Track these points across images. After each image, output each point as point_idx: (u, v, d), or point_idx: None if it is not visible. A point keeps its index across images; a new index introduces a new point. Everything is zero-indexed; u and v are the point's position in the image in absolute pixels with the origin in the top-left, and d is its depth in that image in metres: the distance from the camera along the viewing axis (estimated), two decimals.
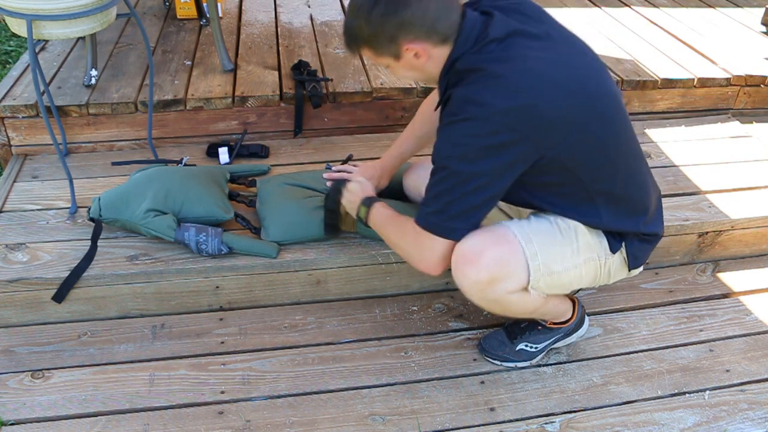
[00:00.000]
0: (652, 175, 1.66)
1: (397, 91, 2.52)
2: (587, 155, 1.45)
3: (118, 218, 1.94)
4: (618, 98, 1.51)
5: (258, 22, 3.09)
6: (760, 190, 2.32)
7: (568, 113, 1.39)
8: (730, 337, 1.95)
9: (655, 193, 1.66)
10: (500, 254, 1.51)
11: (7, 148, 2.39)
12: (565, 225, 1.55)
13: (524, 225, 1.56)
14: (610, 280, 1.66)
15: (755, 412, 1.72)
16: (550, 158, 1.41)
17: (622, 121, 1.51)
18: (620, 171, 1.52)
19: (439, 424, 1.66)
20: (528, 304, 1.60)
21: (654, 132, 2.64)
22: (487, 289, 1.53)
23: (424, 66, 1.47)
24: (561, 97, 1.38)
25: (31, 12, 1.77)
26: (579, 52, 1.49)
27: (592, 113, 1.43)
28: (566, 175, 1.47)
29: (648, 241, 1.65)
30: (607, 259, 1.60)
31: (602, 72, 1.50)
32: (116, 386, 1.73)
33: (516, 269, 1.51)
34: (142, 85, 2.47)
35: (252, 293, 1.98)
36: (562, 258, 1.54)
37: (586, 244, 1.56)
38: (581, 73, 1.44)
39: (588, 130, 1.43)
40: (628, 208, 1.57)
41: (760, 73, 2.76)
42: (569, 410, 1.71)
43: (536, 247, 1.51)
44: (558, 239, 1.54)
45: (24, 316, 1.91)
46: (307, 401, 1.71)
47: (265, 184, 2.11)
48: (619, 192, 1.53)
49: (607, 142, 1.47)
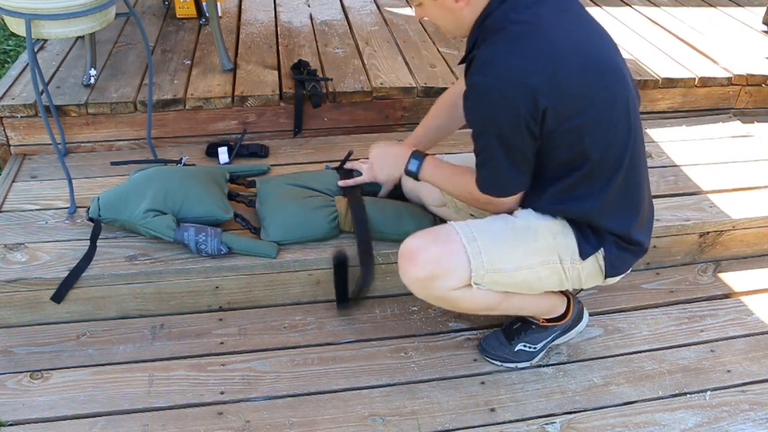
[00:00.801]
0: (649, 188, 1.66)
1: (397, 91, 2.51)
2: (599, 131, 1.45)
3: (117, 218, 1.94)
4: (631, 90, 1.51)
5: (257, 21, 3.09)
6: (762, 189, 2.32)
7: (585, 85, 1.40)
8: (731, 337, 1.95)
9: (649, 206, 1.66)
10: (439, 252, 1.54)
11: (5, 147, 2.39)
12: (523, 225, 1.56)
13: (471, 224, 1.58)
14: (582, 283, 1.64)
15: (756, 413, 1.72)
16: (566, 128, 1.41)
17: (634, 111, 1.51)
18: (627, 158, 1.50)
19: (440, 425, 1.66)
20: (479, 302, 1.60)
21: (655, 132, 2.64)
22: (429, 286, 1.56)
23: (461, 10, 1.45)
24: (579, 68, 1.39)
25: (30, 11, 1.76)
26: (600, 34, 1.51)
27: (607, 92, 1.44)
28: (578, 151, 1.46)
29: (629, 251, 1.62)
30: (574, 264, 1.58)
31: (621, 61, 1.52)
32: (116, 387, 1.73)
33: (455, 266, 1.53)
34: (142, 84, 2.46)
35: (252, 293, 1.97)
36: (511, 257, 1.55)
37: (546, 247, 1.56)
38: (601, 52, 1.46)
39: (603, 106, 1.43)
40: (620, 205, 1.55)
41: (762, 73, 2.75)
42: (570, 411, 1.71)
43: (480, 245, 1.53)
44: (507, 239, 1.55)
45: (23, 317, 1.90)
46: (307, 401, 1.71)
47: (265, 184, 2.11)
48: (620, 183, 1.52)
49: (619, 123, 1.47)
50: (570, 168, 1.50)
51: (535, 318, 1.80)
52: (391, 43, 2.88)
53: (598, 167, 1.49)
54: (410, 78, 2.57)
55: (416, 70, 2.63)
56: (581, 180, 1.50)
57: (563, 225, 1.58)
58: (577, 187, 1.51)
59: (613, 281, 1.68)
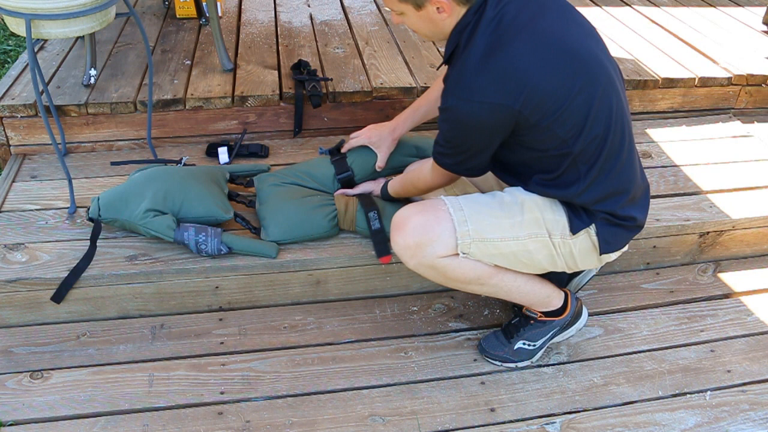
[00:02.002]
0: (641, 166, 1.68)
1: (396, 91, 2.51)
2: (577, 122, 1.47)
3: (117, 218, 1.93)
4: (607, 68, 1.53)
5: (258, 21, 3.09)
6: (762, 189, 2.32)
7: (559, 84, 1.44)
8: (731, 337, 1.95)
9: (642, 183, 1.67)
10: (425, 220, 1.61)
11: (5, 147, 2.39)
12: (510, 199, 1.62)
13: (459, 197, 1.65)
14: (576, 262, 1.65)
15: (756, 413, 1.72)
16: (544, 125, 1.46)
17: (616, 96, 1.53)
18: (608, 141, 1.52)
19: (440, 425, 1.66)
20: (468, 272, 1.63)
21: (655, 132, 2.64)
22: (417, 253, 1.61)
23: (442, 21, 1.51)
24: (551, 69, 1.43)
25: (30, 11, 1.76)
26: (579, 24, 1.54)
27: (584, 81, 1.46)
28: (558, 143, 1.49)
29: (622, 227, 1.63)
30: (564, 239, 1.60)
31: (600, 50, 1.54)
32: (115, 387, 1.73)
33: (441, 233, 1.58)
34: (142, 84, 2.46)
35: (252, 293, 1.97)
36: (497, 228, 1.59)
37: (534, 220, 1.59)
38: (577, 42, 1.49)
39: (577, 99, 1.45)
40: (607, 185, 1.56)
41: (762, 73, 2.75)
42: (570, 411, 1.71)
43: (466, 214, 1.60)
44: (495, 210, 1.61)
45: (23, 317, 1.90)
46: (307, 402, 1.71)
47: (262, 182, 2.10)
48: (604, 166, 1.53)
49: (594, 113, 1.48)
50: (554, 160, 1.53)
51: (532, 311, 1.80)
52: (391, 43, 2.88)
53: (580, 156, 1.51)
54: (410, 78, 2.57)
55: (416, 70, 2.63)
56: (567, 169, 1.54)
57: (552, 201, 1.60)
58: (563, 175, 1.55)
59: (610, 258, 1.68)
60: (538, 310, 1.79)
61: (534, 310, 1.80)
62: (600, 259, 1.67)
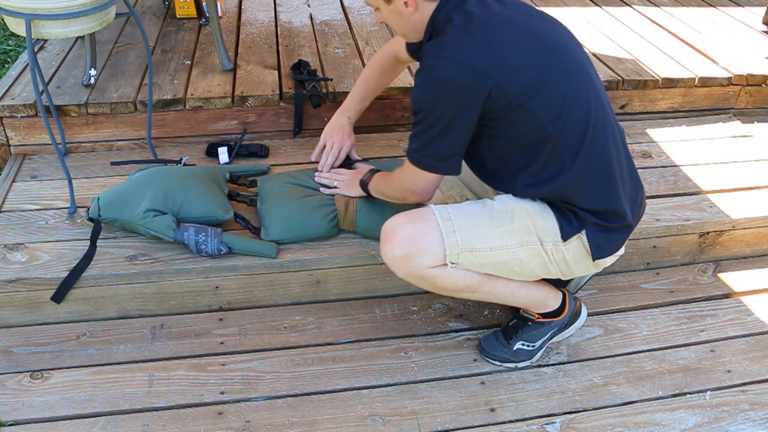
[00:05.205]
0: (635, 170, 1.67)
1: (396, 91, 2.51)
2: (552, 104, 1.48)
3: (117, 218, 1.94)
4: (582, 61, 1.56)
5: (258, 21, 3.09)
6: (762, 189, 2.32)
7: (534, 62, 1.47)
8: (731, 337, 1.95)
9: (630, 180, 1.65)
10: (413, 230, 1.60)
11: (5, 147, 2.39)
12: (501, 207, 1.61)
13: (449, 206, 1.64)
14: (571, 268, 1.64)
15: (756, 413, 1.72)
16: (517, 104, 1.46)
17: (594, 91, 1.54)
18: (589, 132, 1.51)
19: (440, 425, 1.66)
20: (458, 281, 1.63)
21: (655, 132, 2.64)
22: (407, 264, 1.61)
23: (410, 16, 1.55)
24: (528, 48, 1.47)
25: (30, 11, 1.76)
26: (550, 22, 1.59)
27: (556, 66, 1.49)
28: (534, 127, 1.49)
29: (613, 230, 1.61)
30: (557, 246, 1.59)
31: (573, 43, 1.58)
32: (115, 387, 1.73)
33: (429, 244, 1.58)
34: (142, 84, 2.46)
35: (252, 293, 1.97)
36: (487, 237, 1.58)
37: (524, 228, 1.58)
38: (551, 34, 1.54)
39: (552, 81, 1.47)
40: (592, 181, 1.55)
41: (762, 73, 2.75)
42: (570, 411, 1.71)
43: (454, 224, 1.58)
44: (484, 220, 1.60)
45: (23, 317, 1.90)
46: (306, 402, 1.71)
47: (266, 182, 2.11)
48: (586, 158, 1.52)
49: (575, 98, 1.50)
50: (533, 149, 1.52)
51: (530, 313, 1.80)
52: None
53: (560, 143, 1.50)
54: (410, 78, 2.57)
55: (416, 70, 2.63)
56: (549, 160, 1.52)
57: (543, 208, 1.59)
58: (547, 166, 1.54)
59: (605, 263, 1.67)
60: (535, 311, 1.79)
61: (531, 311, 1.80)
62: (596, 264, 1.65)
